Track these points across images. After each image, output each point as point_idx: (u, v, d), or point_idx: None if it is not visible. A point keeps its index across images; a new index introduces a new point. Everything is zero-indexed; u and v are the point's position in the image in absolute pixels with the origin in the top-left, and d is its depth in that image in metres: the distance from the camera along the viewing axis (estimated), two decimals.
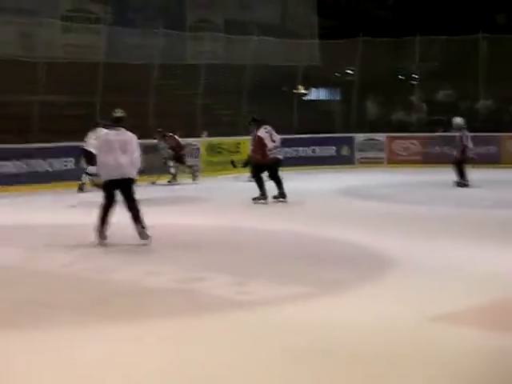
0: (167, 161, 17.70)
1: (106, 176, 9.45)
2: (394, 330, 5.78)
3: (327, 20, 27.48)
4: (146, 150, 17.70)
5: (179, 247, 9.27)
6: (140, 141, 9.67)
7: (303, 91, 26.02)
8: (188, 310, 6.47)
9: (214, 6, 25.52)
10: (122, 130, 9.42)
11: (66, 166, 16.90)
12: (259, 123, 13.92)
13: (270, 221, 11.36)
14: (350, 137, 22.30)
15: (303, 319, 6.09)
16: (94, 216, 9.54)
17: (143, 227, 9.34)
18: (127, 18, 22.25)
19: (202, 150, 19.87)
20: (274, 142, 13.59)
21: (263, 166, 13.71)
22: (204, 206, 13.81)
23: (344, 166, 21.29)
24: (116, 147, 9.27)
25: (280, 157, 13.84)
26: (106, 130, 9.71)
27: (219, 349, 5.39)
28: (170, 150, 17.59)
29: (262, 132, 13.66)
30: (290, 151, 21.63)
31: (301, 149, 21.73)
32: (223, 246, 9.39)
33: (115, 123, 9.49)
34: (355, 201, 14.22)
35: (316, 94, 27.66)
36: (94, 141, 14.23)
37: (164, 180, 17.53)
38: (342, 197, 14.79)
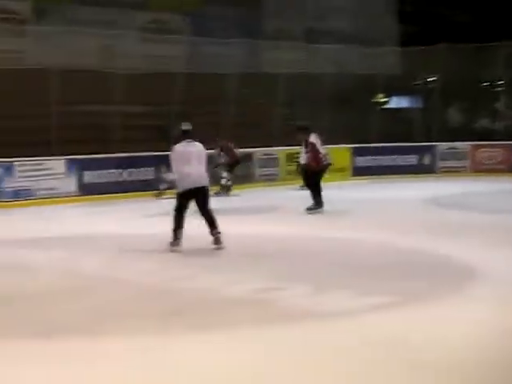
0: (220, 171, 17.32)
1: (183, 186, 9.75)
2: (480, 341, 5.68)
3: (407, 26, 27.19)
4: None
5: (257, 256, 9.32)
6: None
7: (383, 99, 25.82)
8: (266, 319, 6.49)
9: (293, 15, 25.58)
10: (193, 141, 9.92)
11: (144, 175, 17.19)
12: (307, 130, 13.88)
13: (348, 230, 11.30)
14: (432, 145, 22.01)
15: (384, 330, 6.04)
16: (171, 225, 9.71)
17: (218, 233, 9.69)
18: (206, 28, 22.50)
19: (281, 160, 19.96)
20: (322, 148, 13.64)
21: (318, 173, 13.71)
22: (281, 214, 13.85)
23: (425, 175, 21.01)
24: (192, 158, 9.78)
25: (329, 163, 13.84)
26: (182, 142, 9.96)
27: (296, 359, 5.39)
28: (223, 160, 17.30)
29: (314, 138, 13.69)
30: (370, 160, 21.54)
31: (381, 157, 21.57)
32: (301, 255, 9.40)
33: (184, 135, 9.94)
34: (436, 210, 14.02)
35: (396, 102, 27.39)
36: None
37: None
38: (422, 206, 14.61)
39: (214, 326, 6.29)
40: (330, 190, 17.94)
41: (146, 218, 13.66)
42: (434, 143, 22.04)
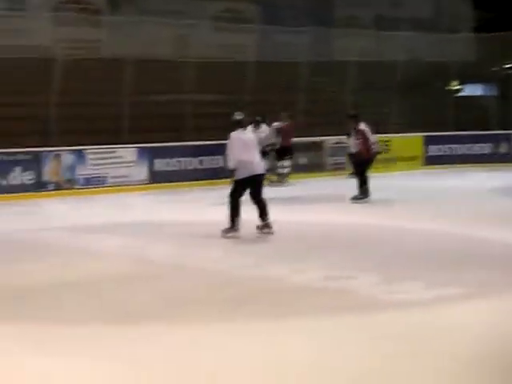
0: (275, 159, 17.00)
1: (244, 173, 9.93)
2: None
3: (482, 12, 26.53)
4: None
5: (322, 245, 9.30)
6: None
7: (457, 87, 25.29)
8: (333, 308, 6.46)
9: (364, 2, 25.28)
10: (246, 129, 10.23)
11: (215, 163, 17.23)
12: (357, 118, 13.81)
13: (415, 219, 11.10)
14: (509, 134, 21.44)
15: (455, 321, 5.96)
16: (247, 212, 9.73)
17: (269, 219, 9.94)
18: (277, 16, 22.42)
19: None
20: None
21: (368, 162, 13.66)
22: (347, 203, 13.69)
23: (501, 164, 20.47)
24: (251, 146, 10.05)
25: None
26: (237, 131, 10.16)
27: (365, 349, 5.35)
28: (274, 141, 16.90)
29: (364, 126, 13.60)
30: (444, 149, 21.13)
31: (455, 146, 21.15)
32: (370, 245, 9.32)
33: (238, 124, 10.17)
34: (511, 200, 13.67)
35: (470, 90, 26.79)
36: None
37: None
38: (497, 195, 14.28)
39: (280, 315, 6.28)
40: (400, 178, 17.79)
41: (215, 206, 13.69)
42: (510, 131, 21.46)
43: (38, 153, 15.57)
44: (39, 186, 15.33)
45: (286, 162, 17.26)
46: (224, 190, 15.50)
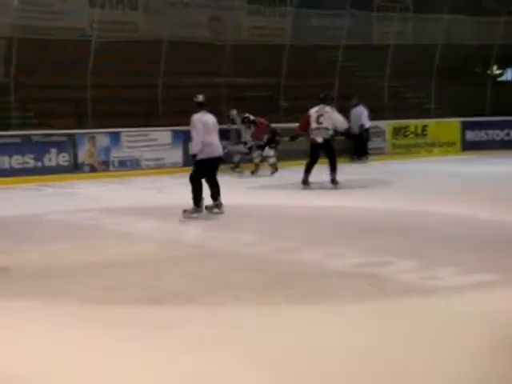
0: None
1: (206, 155, 10.32)
2: None
3: None
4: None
5: (357, 230, 9.25)
6: None
7: (498, 71, 24.91)
8: (368, 293, 6.43)
9: None
10: (208, 112, 10.47)
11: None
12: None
13: (453, 205, 10.95)
14: None
15: (490, 308, 5.88)
16: (274, 197, 9.68)
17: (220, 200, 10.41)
18: None
19: (388, 133, 19.60)
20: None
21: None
22: (385, 189, 13.58)
23: None
24: (212, 128, 10.43)
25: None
26: (199, 114, 10.46)
27: (401, 334, 5.31)
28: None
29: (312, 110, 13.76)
30: (481, 134, 20.87)
31: (494, 132, 20.86)
32: (401, 230, 9.28)
33: (199, 107, 10.46)
34: None
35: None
36: None
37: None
38: None
39: (317, 299, 6.28)
40: (437, 164, 17.60)
41: (247, 189, 13.70)
42: None
43: (74, 135, 15.66)
44: (74, 168, 15.43)
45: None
46: (260, 173, 15.80)
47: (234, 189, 13.81)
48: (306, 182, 13.39)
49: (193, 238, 8.97)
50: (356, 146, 18.53)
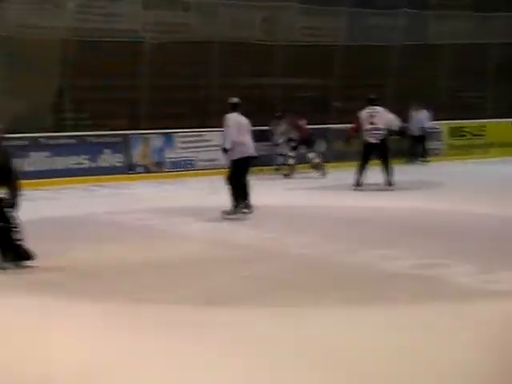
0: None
1: (238, 154, 10.47)
2: None
3: None
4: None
5: (414, 232, 9.18)
6: None
7: None
8: (426, 296, 6.37)
9: None
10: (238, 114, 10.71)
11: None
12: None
13: (507, 207, 10.73)
14: None
15: None
16: (327, 198, 9.64)
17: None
18: None
19: (445, 134, 19.36)
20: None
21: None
22: (440, 190, 13.39)
23: None
24: (245, 129, 10.63)
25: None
26: (233, 114, 10.74)
27: (455, 338, 5.23)
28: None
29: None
30: None
31: None
32: (460, 232, 9.16)
33: (233, 108, 10.79)
34: None
35: None
36: None
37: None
38: None
39: (369, 301, 6.24)
40: (494, 165, 17.29)
41: (301, 190, 13.66)
42: None
43: (128, 136, 15.79)
44: (128, 169, 15.56)
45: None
46: (309, 174, 15.75)
47: (287, 190, 13.81)
48: (358, 184, 13.28)
49: (247, 239, 8.98)
50: (414, 146, 18.38)
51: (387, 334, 5.31)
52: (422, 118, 18.53)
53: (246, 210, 10.52)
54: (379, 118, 13.40)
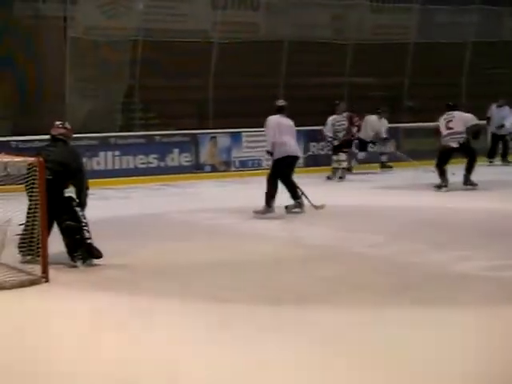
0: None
1: (279, 154, 10.73)
2: None
3: None
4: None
5: (491, 233, 9.01)
6: None
7: None
8: (499, 298, 6.25)
9: None
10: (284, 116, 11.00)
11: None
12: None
13: None
14: None
15: None
16: (401, 198, 9.53)
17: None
18: None
19: None
20: None
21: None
22: (504, 191, 13.02)
23: None
24: (286, 130, 10.88)
25: None
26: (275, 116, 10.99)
27: None
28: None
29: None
30: None
31: None
32: None
33: (278, 111, 11.03)
34: None
35: None
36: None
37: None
38: None
39: (442, 304, 6.13)
40: None
41: (374, 190, 13.54)
42: None
43: (196, 135, 15.90)
44: (196, 168, 15.66)
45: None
46: (387, 174, 15.61)
47: (358, 189, 13.70)
48: (442, 186, 12.99)
49: (317, 238, 8.94)
50: (495, 145, 17.97)
51: (459, 335, 5.23)
52: (504, 115, 18.02)
53: (297, 210, 10.71)
54: (456, 122, 13.21)
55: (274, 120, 10.96)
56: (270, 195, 10.62)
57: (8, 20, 15.58)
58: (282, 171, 10.83)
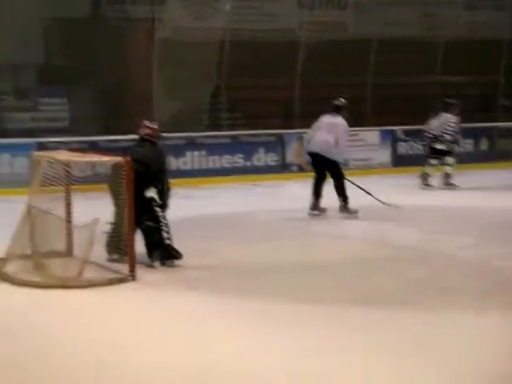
0: None
1: (308, 148, 10.98)
2: None
3: None
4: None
5: None
6: None
7: None
8: None
9: None
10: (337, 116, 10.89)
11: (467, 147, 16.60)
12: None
13: None
14: None
15: None
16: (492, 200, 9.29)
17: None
18: None
19: None
20: None
21: None
22: None
23: None
24: (323, 127, 10.80)
25: None
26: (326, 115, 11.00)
27: None
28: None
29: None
30: None
31: None
32: None
33: (333, 109, 11.05)
34: None
35: None
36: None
37: None
38: None
39: None
40: None
41: (464, 191, 13.27)
42: None
43: (282, 135, 15.91)
44: (282, 168, 15.67)
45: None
46: (472, 175, 15.21)
47: (443, 190, 13.44)
48: None
49: (405, 239, 8.84)
50: None
51: None
52: None
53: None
54: None
55: (321, 119, 11.03)
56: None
57: (97, 22, 15.93)
58: (313, 166, 10.99)
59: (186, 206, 10.79)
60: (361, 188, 11.03)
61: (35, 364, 4.87)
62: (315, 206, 10.66)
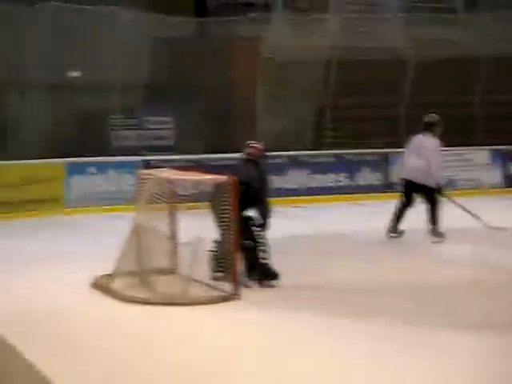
0: None
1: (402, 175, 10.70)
2: None
3: None
4: None
5: None
6: None
7: None
8: None
9: None
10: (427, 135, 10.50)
11: None
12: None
13: None
14: None
15: None
16: None
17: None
18: None
19: None
20: None
21: None
22: None
23: None
24: (412, 150, 10.55)
25: None
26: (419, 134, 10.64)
27: None
28: None
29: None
30: None
31: None
32: None
33: (424, 127, 10.66)
34: None
35: None
36: None
37: None
38: None
39: None
40: None
41: None
42: None
43: (387, 153, 15.75)
44: (386, 187, 15.49)
45: None
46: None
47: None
48: None
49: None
50: None
51: None
52: None
53: (433, 238, 10.21)
54: None
55: (413, 140, 10.76)
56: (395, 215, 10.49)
57: (202, 41, 16.21)
58: (404, 193, 10.64)
59: (288, 225, 10.79)
60: (467, 210, 10.72)
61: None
62: (394, 229, 10.51)
